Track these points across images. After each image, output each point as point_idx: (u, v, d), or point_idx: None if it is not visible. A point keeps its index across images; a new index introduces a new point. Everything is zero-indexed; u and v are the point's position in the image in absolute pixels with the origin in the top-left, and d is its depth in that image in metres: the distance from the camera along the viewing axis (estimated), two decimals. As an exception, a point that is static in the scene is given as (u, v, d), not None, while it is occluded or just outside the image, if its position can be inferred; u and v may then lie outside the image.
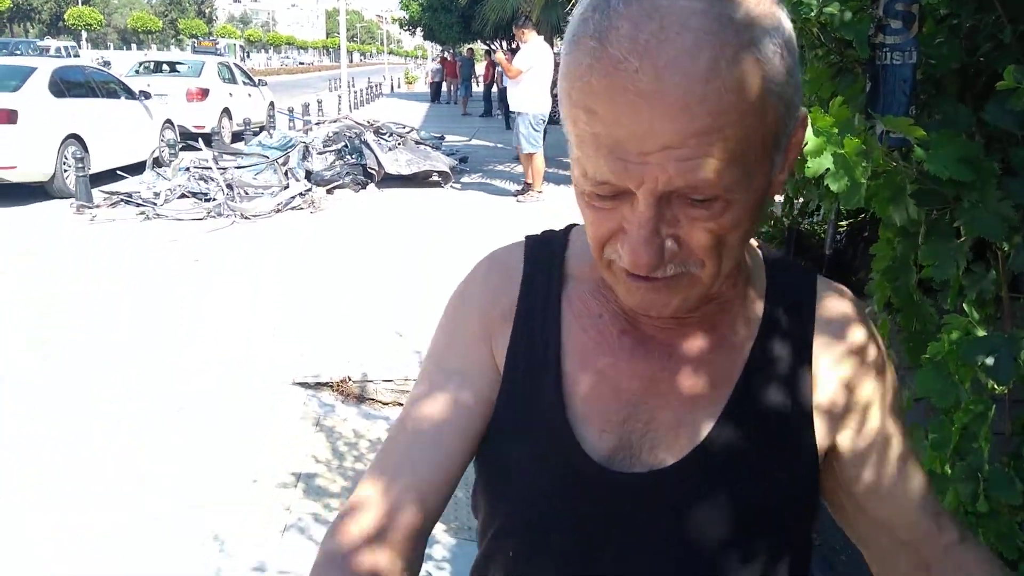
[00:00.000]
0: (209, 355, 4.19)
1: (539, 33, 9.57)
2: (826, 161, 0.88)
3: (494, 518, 0.75)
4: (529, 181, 8.81)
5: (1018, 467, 1.05)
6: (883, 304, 1.38)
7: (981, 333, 1.06)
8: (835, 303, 0.75)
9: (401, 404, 3.92)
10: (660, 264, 0.58)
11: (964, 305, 1.10)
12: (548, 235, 0.81)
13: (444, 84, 28.78)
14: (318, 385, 3.94)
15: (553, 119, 12.17)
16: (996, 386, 1.04)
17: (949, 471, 1.08)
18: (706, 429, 0.68)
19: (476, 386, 0.73)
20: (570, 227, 0.81)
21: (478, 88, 30.73)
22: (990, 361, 0.99)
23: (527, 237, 0.81)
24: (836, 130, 0.87)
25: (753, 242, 0.75)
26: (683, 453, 0.68)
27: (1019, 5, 1.13)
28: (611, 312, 0.72)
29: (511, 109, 8.80)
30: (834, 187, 0.88)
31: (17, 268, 5.74)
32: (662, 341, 0.70)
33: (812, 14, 1.19)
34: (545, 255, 0.77)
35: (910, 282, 1.30)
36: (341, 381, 3.95)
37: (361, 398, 3.92)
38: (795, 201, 2.66)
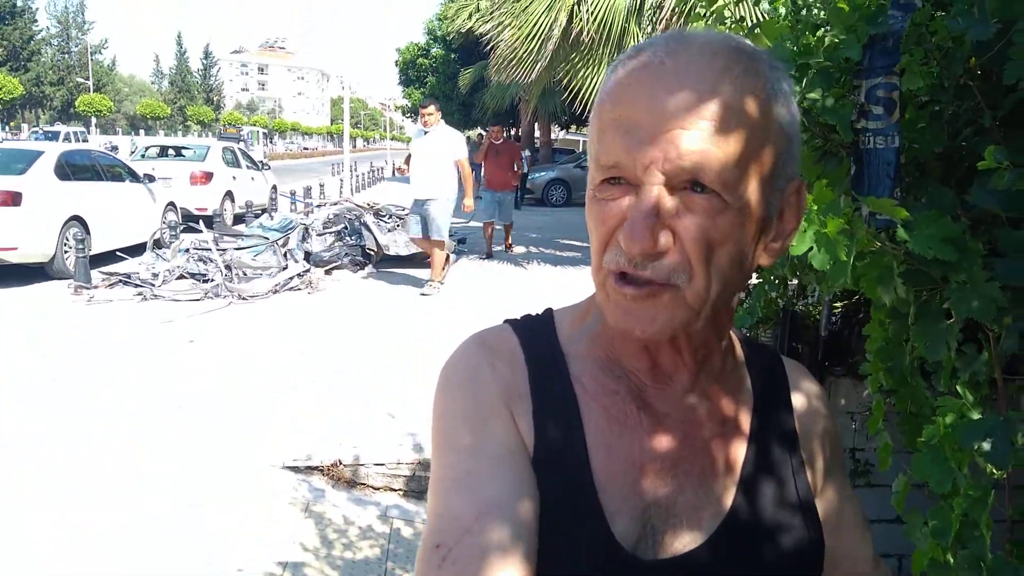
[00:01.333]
0: (199, 436, 4.12)
1: (536, 119, 9.86)
2: (809, 240, 0.88)
3: None
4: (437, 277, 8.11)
5: (1021, 555, 1.01)
6: (877, 386, 1.36)
7: (976, 416, 1.03)
8: (798, 374, 0.81)
9: (393, 489, 3.84)
10: (654, 247, 0.59)
11: (958, 387, 1.08)
12: (531, 318, 0.79)
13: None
14: (308, 469, 3.86)
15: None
16: (995, 471, 1.01)
17: (951, 560, 1.04)
18: (725, 507, 0.70)
19: (528, 471, 0.68)
20: (548, 310, 0.80)
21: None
22: (986, 445, 0.96)
23: (509, 321, 0.79)
24: (816, 208, 0.88)
25: None
26: (706, 535, 0.69)
27: (996, 92, 1.16)
28: (626, 387, 0.71)
29: (418, 197, 7.81)
30: (817, 265, 0.88)
31: (2, 350, 5.71)
32: (676, 419, 0.71)
33: (795, 99, 1.21)
34: (540, 336, 0.76)
35: (904, 364, 1.28)
36: (332, 465, 3.87)
37: (352, 483, 3.84)
38: (789, 283, 2.67)
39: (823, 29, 1.36)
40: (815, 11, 1.36)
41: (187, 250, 8.67)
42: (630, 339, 0.69)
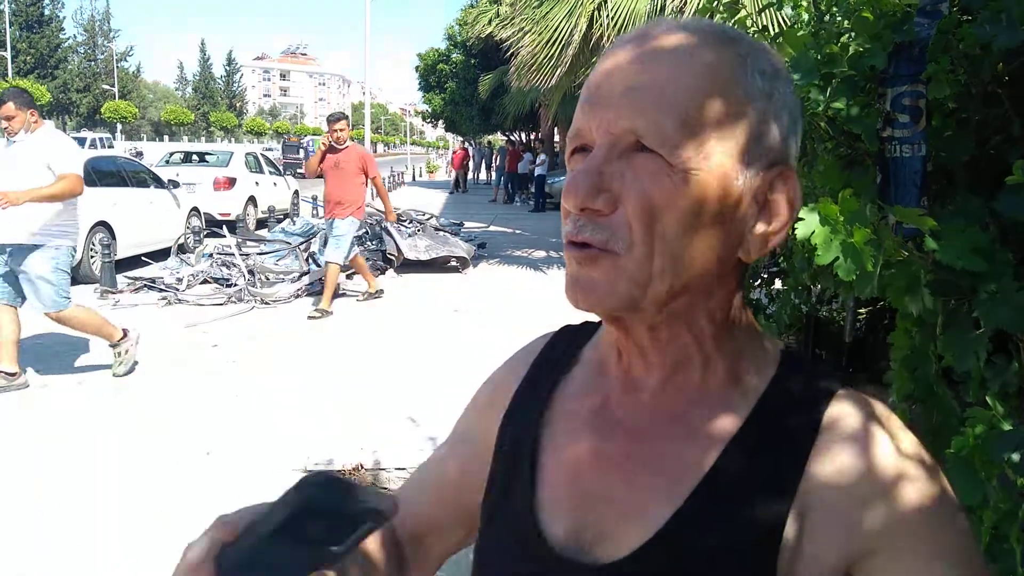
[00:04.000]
0: (221, 440, 4.16)
1: (556, 124, 9.34)
2: (835, 250, 0.87)
3: None
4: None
5: (1053, 571, 1.00)
6: (903, 394, 1.35)
7: (1007, 427, 1.02)
8: (852, 415, 0.63)
9: (414, 493, 3.86)
10: (589, 200, 0.59)
11: (987, 398, 1.07)
12: (584, 324, 0.81)
13: (455, 173, 29.37)
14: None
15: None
16: (1025, 483, 1.00)
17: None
18: (654, 528, 0.62)
19: (465, 453, 0.80)
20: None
21: (484, 176, 31.55)
22: (1016, 457, 0.95)
23: (568, 326, 0.83)
24: (842, 219, 0.87)
25: (772, 342, 0.69)
26: (629, 550, 0.63)
27: (1025, 99, 1.15)
28: (596, 391, 0.72)
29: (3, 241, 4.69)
30: (843, 275, 0.87)
31: (30, 354, 5.79)
32: (629, 427, 0.67)
33: (820, 108, 1.21)
34: (567, 340, 0.80)
35: (930, 372, 1.27)
36: (354, 469, 3.89)
37: (374, 487, 3.85)
38: (813, 288, 2.65)
39: (847, 36, 1.36)
40: (838, 19, 1.35)
41: (211, 255, 8.76)
42: (588, 313, 0.66)
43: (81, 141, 32.81)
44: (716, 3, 1.69)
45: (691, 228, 0.59)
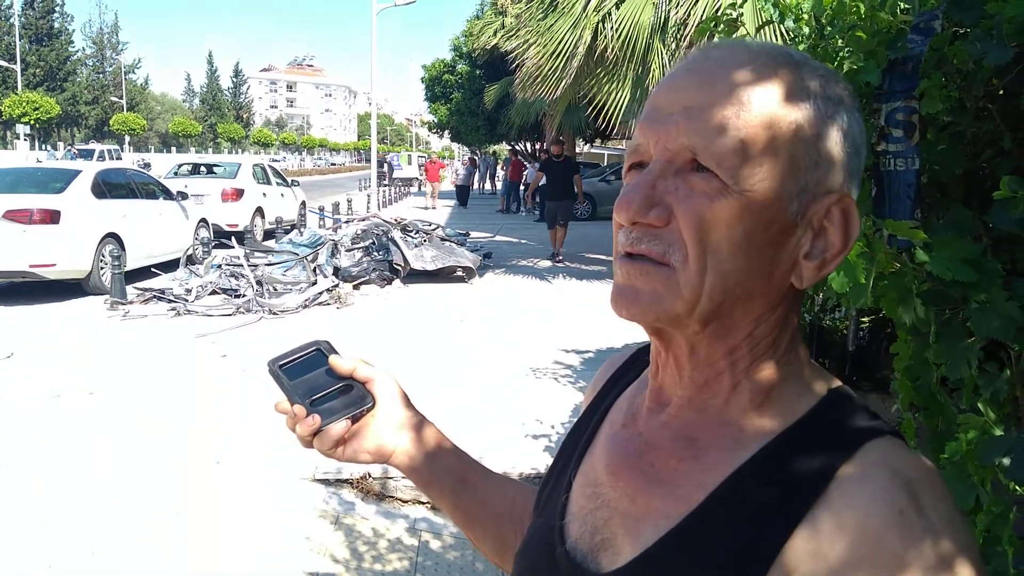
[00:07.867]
0: (230, 449, 4.20)
1: (560, 135, 9.40)
2: (828, 263, 0.91)
3: None
4: None
5: (1044, 572, 1.02)
6: (907, 404, 1.38)
7: (998, 433, 1.05)
8: (873, 473, 0.57)
9: (421, 502, 3.89)
10: (641, 214, 0.60)
11: (979, 405, 1.10)
12: None
13: (425, 186, 27.37)
14: (338, 482, 3.91)
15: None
16: (1017, 487, 1.03)
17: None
18: (645, 545, 0.63)
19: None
20: None
21: (490, 186, 31.45)
22: (1007, 461, 0.98)
23: None
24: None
25: (823, 380, 0.66)
26: (624, 562, 0.64)
27: (1015, 115, 1.18)
28: (628, 405, 0.75)
29: None
30: (837, 288, 0.91)
31: (42, 364, 5.85)
32: (647, 441, 0.69)
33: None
34: (647, 354, 0.79)
35: (931, 381, 1.30)
36: (361, 478, 3.92)
37: (381, 495, 3.89)
38: (816, 297, 2.68)
39: (843, 52, 1.39)
40: (833, 39, 1.39)
41: (219, 266, 8.83)
42: (640, 328, 0.67)
43: (90, 153, 33.16)
44: (716, 21, 1.73)
45: (742, 248, 0.59)
